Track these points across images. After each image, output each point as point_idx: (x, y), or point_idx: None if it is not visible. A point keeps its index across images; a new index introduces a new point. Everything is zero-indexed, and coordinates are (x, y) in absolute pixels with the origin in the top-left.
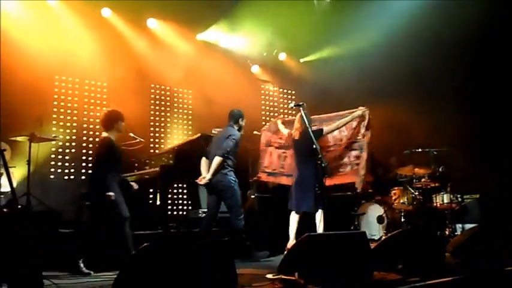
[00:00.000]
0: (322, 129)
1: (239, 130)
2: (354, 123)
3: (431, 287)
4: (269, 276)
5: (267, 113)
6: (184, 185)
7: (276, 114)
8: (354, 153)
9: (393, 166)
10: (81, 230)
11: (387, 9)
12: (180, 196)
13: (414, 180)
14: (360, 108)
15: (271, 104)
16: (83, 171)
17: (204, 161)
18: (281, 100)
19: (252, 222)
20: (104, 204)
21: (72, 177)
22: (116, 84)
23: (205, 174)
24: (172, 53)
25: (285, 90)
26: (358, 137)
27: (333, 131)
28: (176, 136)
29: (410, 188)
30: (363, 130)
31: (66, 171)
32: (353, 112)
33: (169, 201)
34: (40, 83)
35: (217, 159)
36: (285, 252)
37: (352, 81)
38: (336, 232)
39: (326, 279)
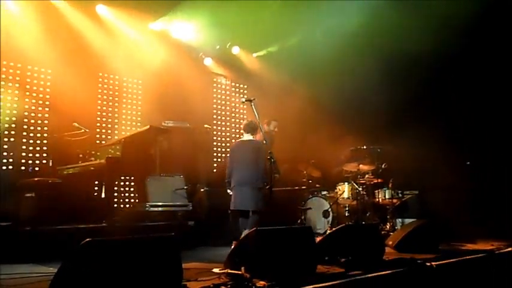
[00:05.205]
0: None
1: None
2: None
3: (371, 280)
4: (215, 270)
5: (219, 107)
6: (132, 177)
7: (227, 108)
8: None
9: (343, 162)
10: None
11: (343, 5)
12: (127, 189)
13: (359, 176)
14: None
15: (223, 97)
16: (23, 161)
17: None
18: (233, 94)
19: (200, 216)
20: None
21: (10, 167)
22: (62, 72)
23: None
24: (122, 42)
25: (238, 84)
26: None
27: None
28: (124, 127)
29: (354, 184)
30: None
31: (5, 161)
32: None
33: (115, 194)
34: None
35: None
36: (232, 246)
37: (303, 77)
38: (282, 227)
39: (272, 272)
